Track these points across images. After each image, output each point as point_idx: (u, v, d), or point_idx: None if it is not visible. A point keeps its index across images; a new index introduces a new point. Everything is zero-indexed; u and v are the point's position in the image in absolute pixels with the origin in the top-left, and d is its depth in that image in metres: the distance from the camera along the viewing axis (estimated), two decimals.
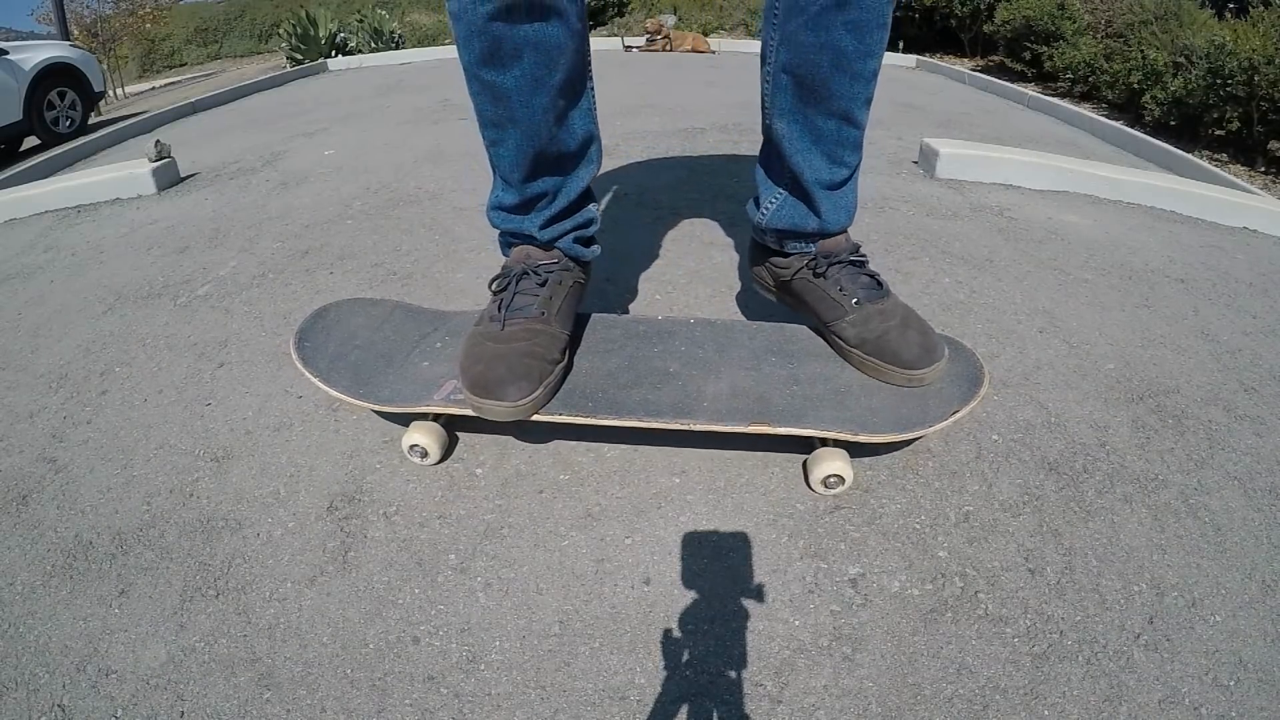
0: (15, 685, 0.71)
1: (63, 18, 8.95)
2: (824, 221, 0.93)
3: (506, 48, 0.76)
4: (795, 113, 0.88)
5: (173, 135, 3.08)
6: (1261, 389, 1.11)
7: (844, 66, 0.81)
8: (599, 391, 0.90)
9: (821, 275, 0.95)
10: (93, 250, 1.74)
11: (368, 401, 0.91)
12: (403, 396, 0.91)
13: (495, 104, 0.81)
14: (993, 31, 5.57)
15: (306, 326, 1.02)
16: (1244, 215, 1.81)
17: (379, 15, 7.16)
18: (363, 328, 1.03)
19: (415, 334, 1.03)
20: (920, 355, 0.88)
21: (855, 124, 0.87)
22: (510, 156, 0.86)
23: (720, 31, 7.75)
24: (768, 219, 0.98)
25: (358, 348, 1.00)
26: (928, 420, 0.86)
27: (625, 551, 0.83)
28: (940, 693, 0.68)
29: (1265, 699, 0.68)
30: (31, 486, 0.96)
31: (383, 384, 0.93)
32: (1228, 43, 3.33)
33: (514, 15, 0.74)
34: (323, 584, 0.80)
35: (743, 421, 0.84)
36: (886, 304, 0.92)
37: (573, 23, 0.80)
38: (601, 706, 0.67)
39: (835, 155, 0.89)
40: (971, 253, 1.54)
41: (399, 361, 0.97)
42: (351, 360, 0.97)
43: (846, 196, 0.93)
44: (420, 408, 0.89)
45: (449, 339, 1.01)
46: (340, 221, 1.78)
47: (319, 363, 0.96)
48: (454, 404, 0.88)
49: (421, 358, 0.98)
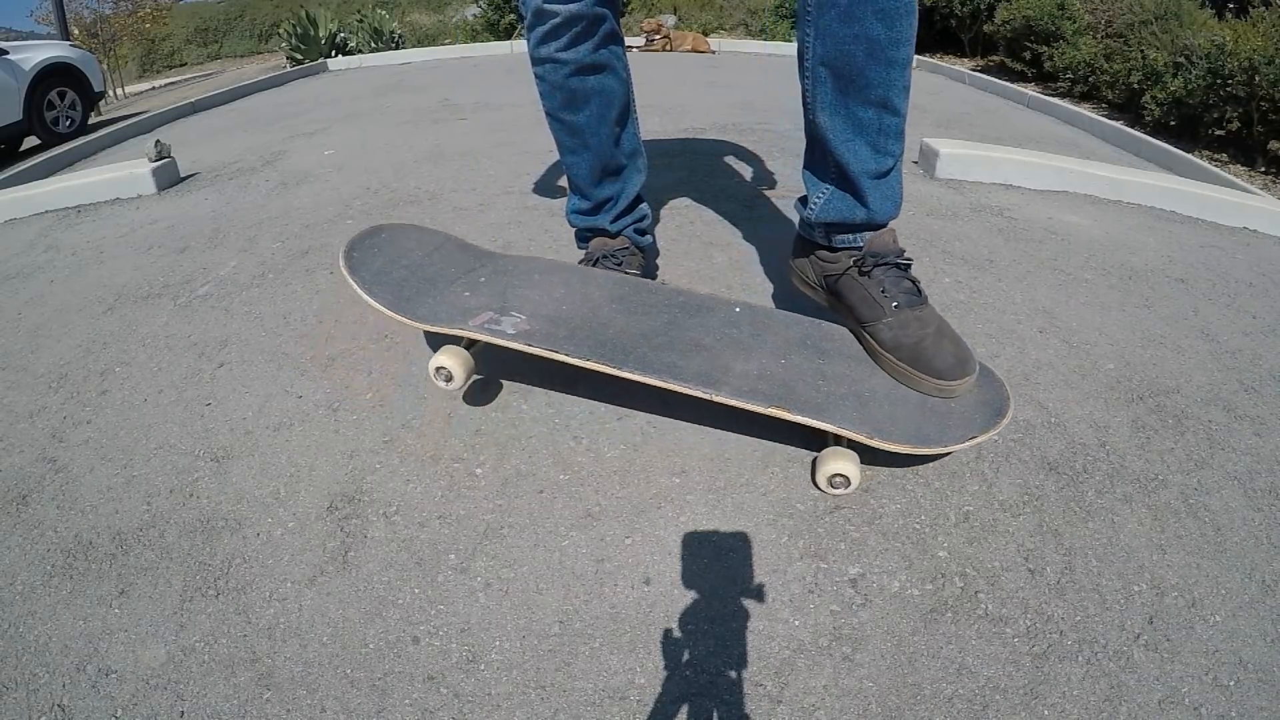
0: (15, 685, 0.71)
1: (63, 18, 8.95)
2: (872, 211, 0.94)
3: (579, 97, 1.06)
4: (836, 105, 0.91)
5: (173, 135, 3.08)
6: (1261, 389, 1.11)
7: (877, 54, 0.84)
8: (631, 348, 0.92)
9: (867, 274, 0.97)
10: (93, 250, 1.74)
11: (405, 317, 0.93)
12: (439, 317, 0.95)
13: (572, 136, 1.11)
14: (993, 31, 5.57)
15: (358, 240, 1.04)
16: (1244, 215, 1.81)
17: (379, 15, 7.16)
18: (413, 251, 1.06)
19: (463, 266, 1.07)
20: (953, 366, 0.89)
21: (895, 111, 0.89)
22: (585, 173, 1.15)
23: (720, 31, 7.75)
24: (817, 212, 1.00)
25: (405, 268, 1.03)
26: (945, 440, 0.85)
27: (625, 551, 0.83)
28: (940, 693, 0.68)
29: (1265, 699, 0.68)
30: (31, 486, 0.96)
31: (421, 304, 0.97)
32: (1228, 43, 3.33)
33: (583, 73, 1.04)
34: (323, 584, 0.80)
35: (763, 403, 0.85)
36: (924, 311, 0.93)
37: (621, 73, 1.10)
38: (601, 706, 0.67)
39: (878, 144, 0.91)
40: (971, 253, 1.54)
41: (442, 287, 1.01)
42: (395, 278, 1.00)
43: (892, 186, 0.95)
44: (455, 330, 0.92)
45: (495, 276, 1.05)
46: (340, 221, 1.78)
47: (364, 274, 0.98)
48: (488, 333, 0.92)
49: (464, 288, 1.02)
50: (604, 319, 0.98)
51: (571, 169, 1.17)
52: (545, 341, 0.92)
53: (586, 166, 1.14)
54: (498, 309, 0.98)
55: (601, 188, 1.17)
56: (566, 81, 1.04)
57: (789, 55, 5.23)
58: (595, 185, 1.16)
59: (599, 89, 1.06)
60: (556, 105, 1.08)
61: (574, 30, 0.99)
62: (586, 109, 1.07)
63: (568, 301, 1.02)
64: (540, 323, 0.96)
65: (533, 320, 0.96)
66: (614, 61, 1.07)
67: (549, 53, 1.01)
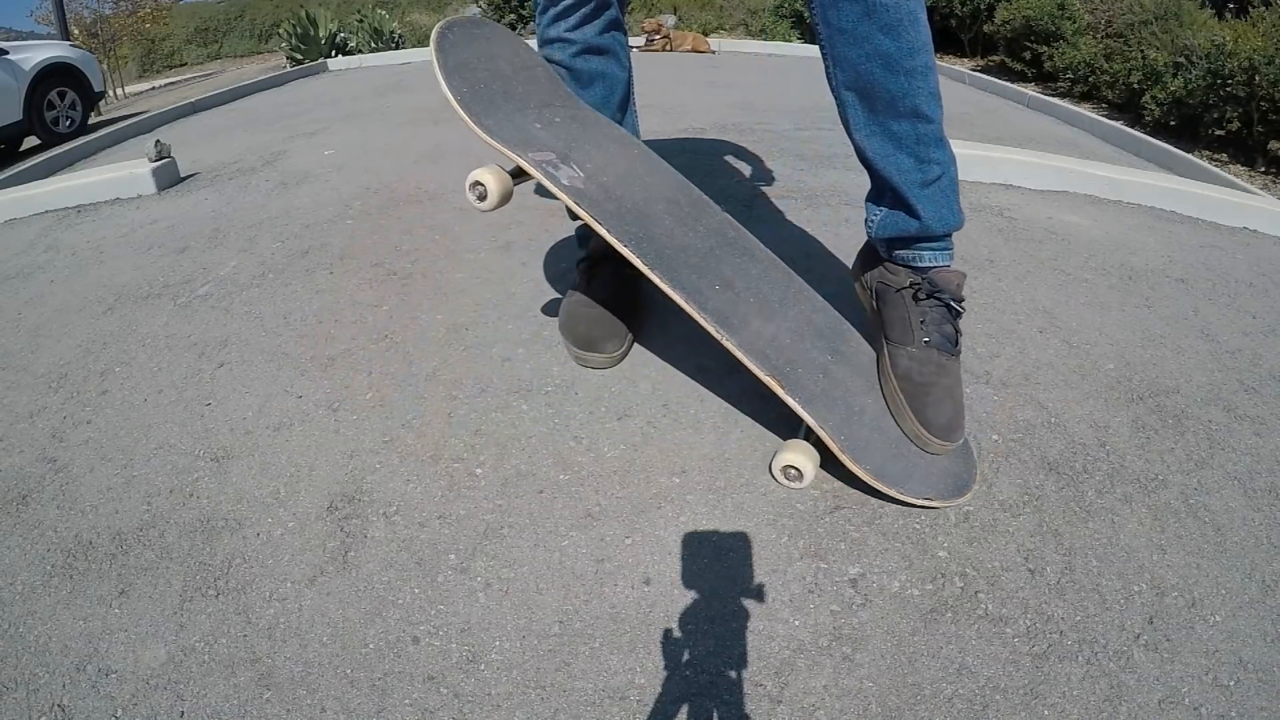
0: (15, 685, 0.71)
1: (63, 18, 8.95)
2: (925, 222, 0.93)
3: (584, 78, 1.12)
4: (870, 125, 0.92)
5: (173, 135, 3.08)
6: (1261, 389, 1.11)
7: (894, 67, 0.85)
8: (666, 253, 0.90)
9: (919, 301, 0.95)
10: (93, 250, 1.74)
11: (471, 120, 0.90)
12: (503, 135, 0.90)
13: None
14: (993, 31, 5.57)
15: (456, 23, 1.00)
16: (1244, 215, 1.81)
17: (379, 15, 7.16)
18: (505, 58, 1.03)
19: (545, 97, 1.04)
20: (943, 427, 0.88)
21: (927, 119, 0.89)
22: None
23: (720, 31, 7.76)
24: (875, 230, 1.00)
25: (490, 71, 0.99)
26: (903, 487, 0.85)
27: (625, 551, 0.83)
28: (940, 693, 0.68)
29: (1265, 699, 0.68)
30: (31, 486, 0.96)
31: (491, 114, 0.92)
32: (1228, 43, 3.33)
33: (589, 53, 1.10)
34: (323, 584, 0.80)
35: (765, 369, 0.85)
36: (950, 362, 0.93)
37: (624, 60, 1.17)
38: (601, 706, 0.67)
39: (919, 154, 0.91)
40: (971, 253, 1.54)
41: (517, 105, 0.98)
42: (479, 77, 0.96)
43: (946, 195, 0.93)
44: (514, 154, 0.88)
45: (569, 122, 1.02)
46: (340, 221, 1.78)
47: (450, 59, 0.94)
48: (543, 172, 0.88)
49: (536, 120, 0.98)
50: (653, 215, 0.95)
51: None
52: (592, 207, 0.89)
53: None
54: (560, 154, 0.94)
55: None
56: (573, 61, 1.09)
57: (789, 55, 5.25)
58: None
59: (603, 71, 1.12)
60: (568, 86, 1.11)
61: (582, 11, 1.06)
62: (590, 91, 1.12)
63: (628, 179, 0.99)
64: (594, 186, 0.93)
65: (589, 181, 0.93)
66: (617, 48, 1.14)
67: (559, 32, 1.07)
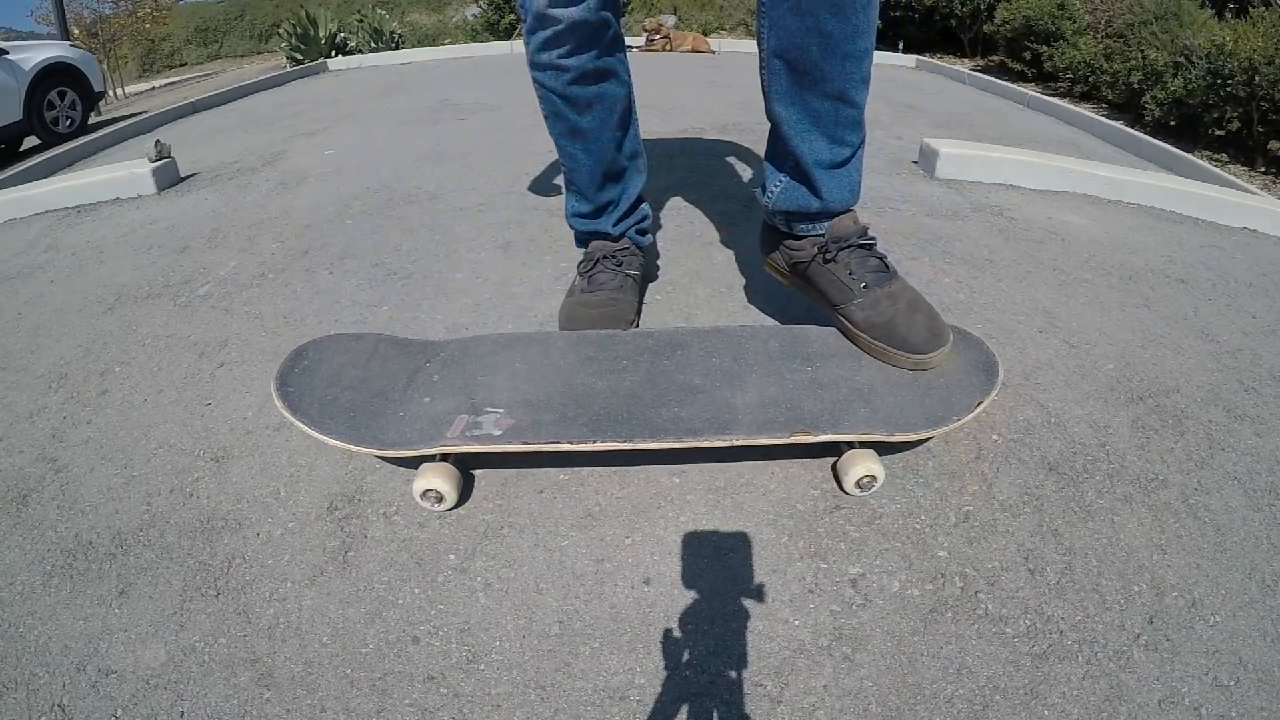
0: (15, 685, 0.71)
1: (63, 18, 8.94)
2: (826, 201, 0.95)
3: (581, 104, 1.03)
4: (792, 96, 0.90)
5: (173, 135, 3.08)
6: (1261, 389, 1.11)
7: (832, 48, 0.83)
8: (625, 412, 0.86)
9: (832, 260, 0.97)
10: (93, 250, 1.74)
11: (373, 448, 0.84)
12: (411, 439, 0.84)
13: (573, 142, 1.09)
14: (993, 31, 5.57)
15: (286, 369, 0.94)
16: (1244, 215, 1.81)
17: (379, 15, 7.16)
18: (348, 366, 0.96)
19: (407, 368, 0.96)
20: (926, 339, 0.90)
21: (852, 104, 0.88)
22: (586, 178, 1.13)
23: (720, 31, 7.75)
24: (773, 201, 1.00)
25: (347, 389, 0.92)
26: (953, 413, 0.85)
27: (625, 551, 0.83)
28: (940, 693, 0.68)
29: (1265, 699, 0.68)
30: (31, 486, 0.96)
31: (386, 426, 0.86)
32: (1228, 43, 3.33)
33: (585, 80, 1.01)
34: (323, 584, 0.80)
35: (783, 432, 0.83)
36: (894, 286, 0.94)
37: (624, 77, 1.09)
38: (601, 706, 0.67)
39: (835, 135, 0.91)
40: (971, 253, 1.54)
41: (396, 399, 0.91)
42: (344, 403, 0.89)
43: (850, 175, 0.95)
44: (437, 448, 0.83)
45: (446, 369, 0.95)
46: (340, 221, 1.78)
47: (309, 409, 0.88)
48: (473, 441, 0.82)
49: (421, 393, 0.91)
50: (583, 388, 0.91)
51: (572, 173, 1.15)
52: (538, 434, 0.84)
53: (588, 171, 1.13)
54: (469, 409, 0.87)
55: (603, 191, 1.16)
56: (568, 89, 1.01)
57: None
58: (597, 189, 1.15)
59: (601, 95, 1.04)
60: (557, 111, 1.05)
61: (577, 37, 0.95)
62: (588, 115, 1.05)
63: (537, 378, 0.93)
64: (522, 412, 0.87)
65: (513, 411, 0.87)
66: (617, 67, 1.05)
67: (550, 59, 0.98)
